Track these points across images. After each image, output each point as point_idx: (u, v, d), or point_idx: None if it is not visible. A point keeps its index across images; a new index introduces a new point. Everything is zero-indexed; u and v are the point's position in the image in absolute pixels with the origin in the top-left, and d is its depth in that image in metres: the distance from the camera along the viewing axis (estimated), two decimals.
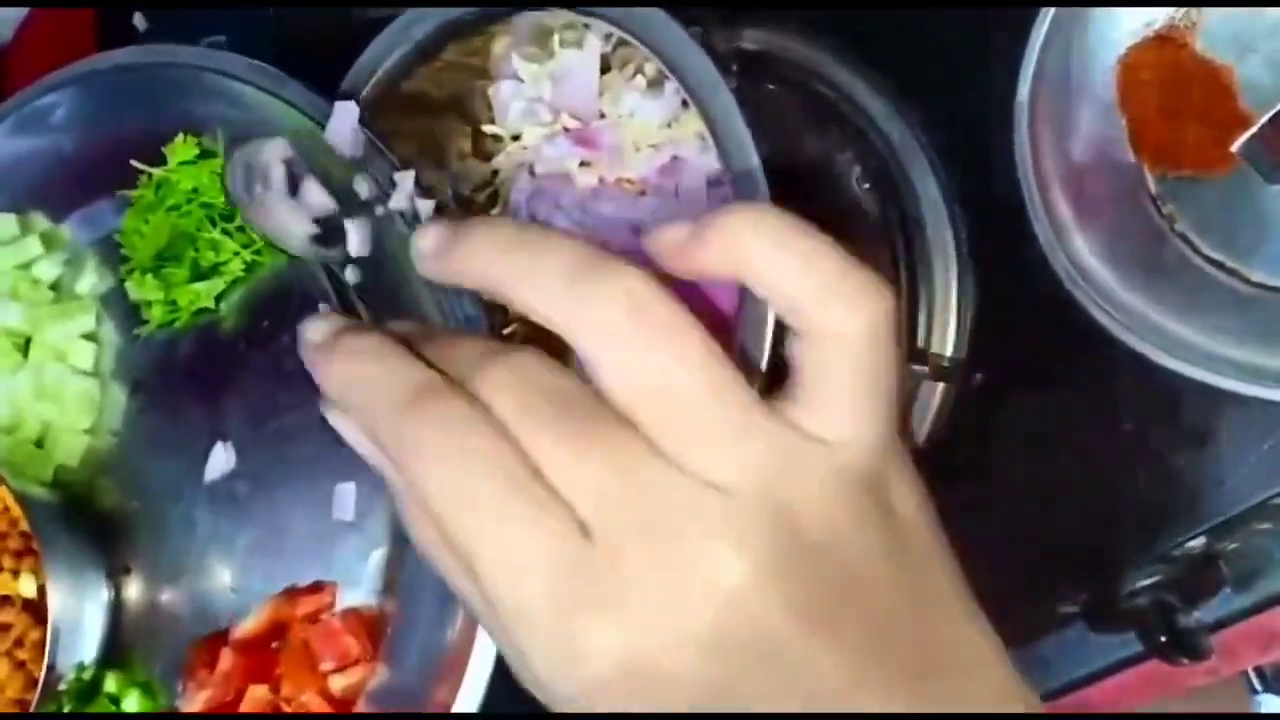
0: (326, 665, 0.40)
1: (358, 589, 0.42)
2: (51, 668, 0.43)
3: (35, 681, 0.43)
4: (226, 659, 0.42)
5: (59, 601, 0.43)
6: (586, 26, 0.44)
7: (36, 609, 0.45)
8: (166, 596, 0.46)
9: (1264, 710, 0.75)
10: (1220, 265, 0.43)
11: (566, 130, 0.43)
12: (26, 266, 0.49)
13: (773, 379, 0.29)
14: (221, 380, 0.46)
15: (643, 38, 0.40)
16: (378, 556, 0.42)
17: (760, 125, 0.41)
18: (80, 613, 0.45)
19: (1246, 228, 0.42)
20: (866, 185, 0.50)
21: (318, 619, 0.41)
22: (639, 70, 0.44)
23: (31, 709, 0.43)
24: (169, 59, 0.46)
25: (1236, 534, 0.47)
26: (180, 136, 0.46)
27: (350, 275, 0.42)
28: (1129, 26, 0.44)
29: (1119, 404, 0.46)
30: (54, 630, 0.43)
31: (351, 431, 0.29)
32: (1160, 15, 0.43)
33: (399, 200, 0.41)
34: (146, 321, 0.48)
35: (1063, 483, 0.48)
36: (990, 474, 0.49)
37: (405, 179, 0.41)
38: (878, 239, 0.50)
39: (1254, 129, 0.41)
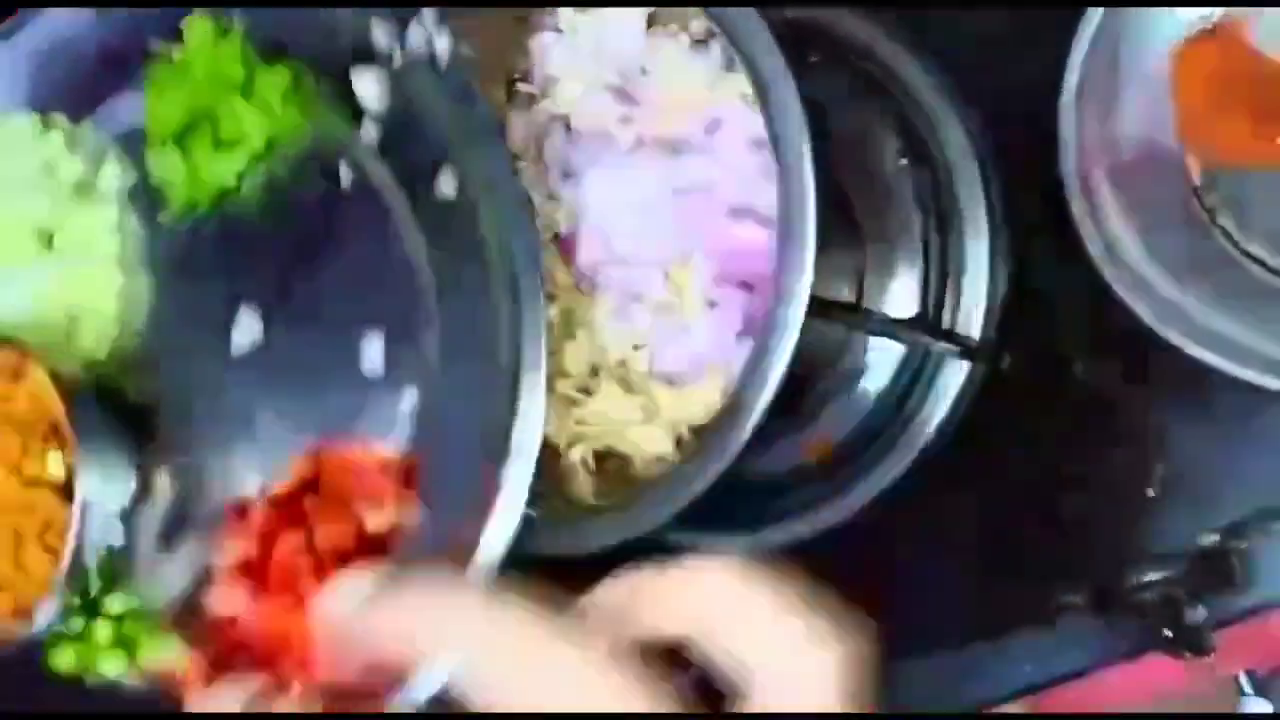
0: (361, 509, 0.40)
1: (388, 441, 0.41)
2: (78, 546, 0.43)
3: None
4: (258, 513, 0.42)
5: (88, 481, 0.43)
6: None
7: (66, 491, 0.44)
8: (196, 479, 0.46)
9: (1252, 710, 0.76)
10: (1259, 261, 0.43)
11: (608, 86, 0.42)
12: (49, 164, 0.49)
13: None
14: (245, 261, 0.46)
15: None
16: (407, 405, 0.41)
17: (801, 97, 0.41)
18: (108, 495, 0.44)
19: None
20: (904, 161, 0.50)
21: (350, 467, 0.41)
22: (684, 27, 0.44)
23: (55, 588, 0.43)
24: None
25: (1253, 533, 0.47)
26: (195, 15, 0.46)
27: (368, 132, 0.42)
28: (1185, 17, 0.43)
29: (1147, 394, 0.46)
30: (81, 505, 0.43)
31: None
32: (1216, 8, 0.43)
33: (416, 38, 0.40)
34: (169, 205, 0.47)
35: (1082, 471, 0.48)
36: (1012, 458, 0.49)
37: (427, 16, 0.40)
38: (911, 216, 0.50)
39: None
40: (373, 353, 0.42)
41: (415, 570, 0.34)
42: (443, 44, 0.41)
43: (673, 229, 0.42)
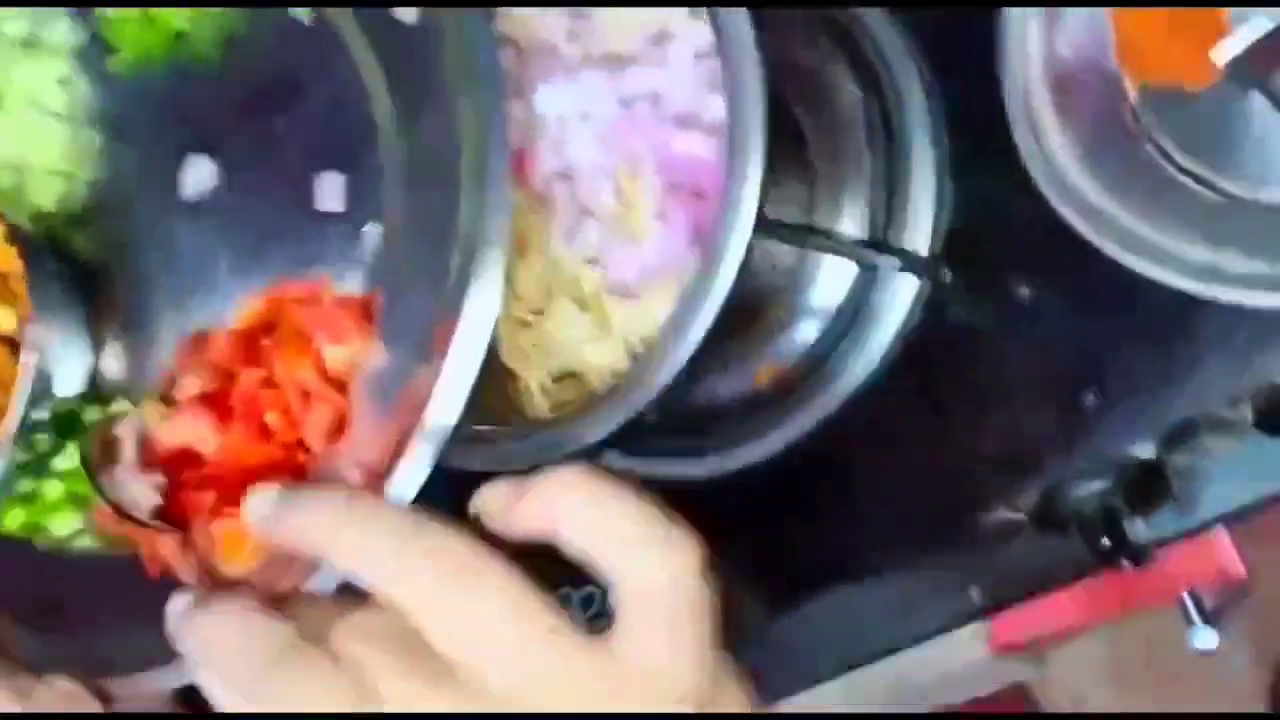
0: (320, 342, 0.40)
1: (348, 281, 0.41)
2: (30, 399, 0.42)
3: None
4: (217, 346, 0.42)
5: (40, 334, 0.43)
6: None
7: (13, 344, 0.44)
8: (150, 328, 0.46)
9: (1199, 646, 0.77)
10: (1193, 175, 0.44)
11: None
12: None
13: None
14: (198, 108, 0.46)
15: None
16: (368, 245, 0.41)
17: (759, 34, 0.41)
18: (62, 348, 0.44)
19: (1221, 140, 0.43)
20: (857, 91, 0.51)
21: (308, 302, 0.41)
22: None
23: (3, 445, 0.42)
24: None
25: (1186, 445, 0.49)
26: None
27: None
28: None
29: (1085, 304, 0.47)
30: (32, 358, 0.43)
31: (214, 687, 0.31)
32: None
33: None
34: (119, 50, 0.47)
35: (1022, 383, 0.49)
36: (954, 373, 0.50)
37: None
38: (861, 139, 0.51)
39: (1240, 40, 0.42)
40: (332, 190, 0.42)
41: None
42: None
43: (621, 140, 0.43)
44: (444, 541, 0.30)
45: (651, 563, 0.30)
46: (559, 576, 0.31)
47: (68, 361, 0.45)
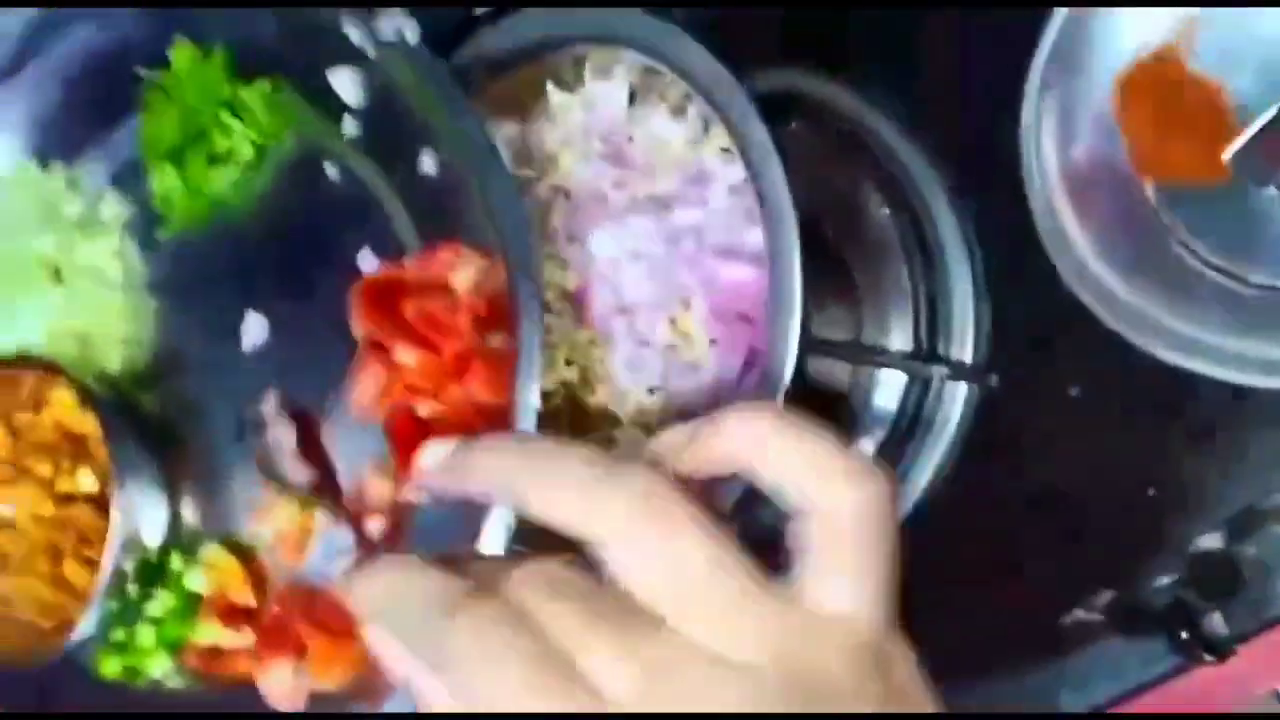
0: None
1: None
2: (116, 551, 0.45)
3: None
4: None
5: (124, 489, 0.46)
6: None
7: (96, 501, 0.47)
8: (223, 474, 0.48)
9: None
10: (1219, 269, 0.46)
11: (600, 155, 0.47)
12: (51, 204, 0.53)
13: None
14: (242, 265, 0.49)
15: (673, 64, 0.44)
16: None
17: (787, 161, 0.45)
18: (142, 498, 0.47)
19: (1242, 232, 0.45)
20: (887, 211, 0.54)
21: None
22: (663, 97, 0.48)
23: (95, 594, 0.45)
24: None
25: (1254, 535, 0.49)
26: (180, 41, 0.50)
27: (349, 128, 0.46)
28: (1125, 46, 0.47)
29: (1130, 404, 0.48)
30: (120, 512, 0.46)
31: (384, 644, 0.31)
32: (1154, 38, 0.47)
33: (387, 30, 0.44)
34: (168, 221, 0.51)
35: (1083, 481, 0.50)
36: (1014, 474, 0.51)
37: (394, 10, 0.45)
38: (899, 259, 0.53)
39: (1243, 139, 0.44)
40: None
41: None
42: (412, 33, 0.45)
43: (671, 274, 0.46)
44: (645, 479, 0.28)
45: (845, 491, 0.28)
46: None
47: (149, 513, 0.48)
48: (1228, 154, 0.45)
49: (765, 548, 0.29)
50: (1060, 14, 0.46)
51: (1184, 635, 0.48)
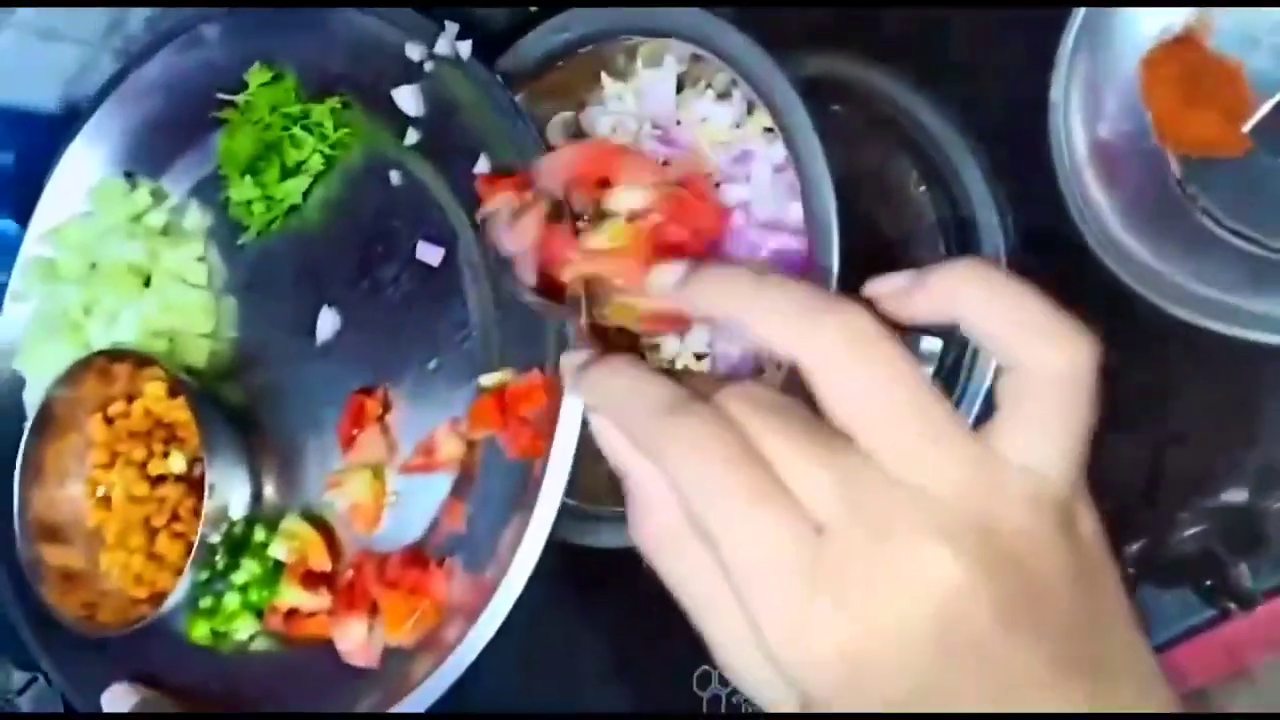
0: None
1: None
2: (207, 524, 0.50)
3: (192, 546, 0.50)
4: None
5: (214, 467, 0.51)
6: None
7: (187, 480, 0.53)
8: (299, 456, 0.54)
9: None
10: (1240, 234, 0.48)
11: (652, 136, 0.51)
12: (138, 217, 0.58)
13: None
14: (315, 265, 0.54)
15: (721, 53, 0.47)
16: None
17: (827, 140, 0.48)
18: (229, 476, 0.52)
19: (1261, 200, 0.48)
20: (923, 188, 0.57)
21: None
22: (709, 84, 0.52)
23: (188, 566, 0.50)
24: None
25: (1277, 493, 0.51)
26: (255, 65, 0.55)
27: (411, 136, 0.51)
28: (1149, 31, 0.50)
29: (1156, 364, 0.51)
30: (210, 488, 0.50)
31: (607, 431, 0.33)
32: (1177, 20, 0.49)
33: (443, 46, 0.49)
34: (247, 228, 0.56)
35: (1112, 444, 0.52)
36: None
37: (450, 28, 0.49)
38: (935, 232, 0.56)
39: (1262, 111, 0.47)
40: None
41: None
42: (465, 48, 0.50)
43: (721, 247, 0.50)
44: (855, 314, 0.29)
45: (1050, 348, 0.29)
46: None
47: (235, 490, 0.53)
48: (1247, 126, 0.47)
49: None
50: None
51: (1209, 584, 0.51)
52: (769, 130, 0.50)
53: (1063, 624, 0.28)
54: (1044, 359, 0.29)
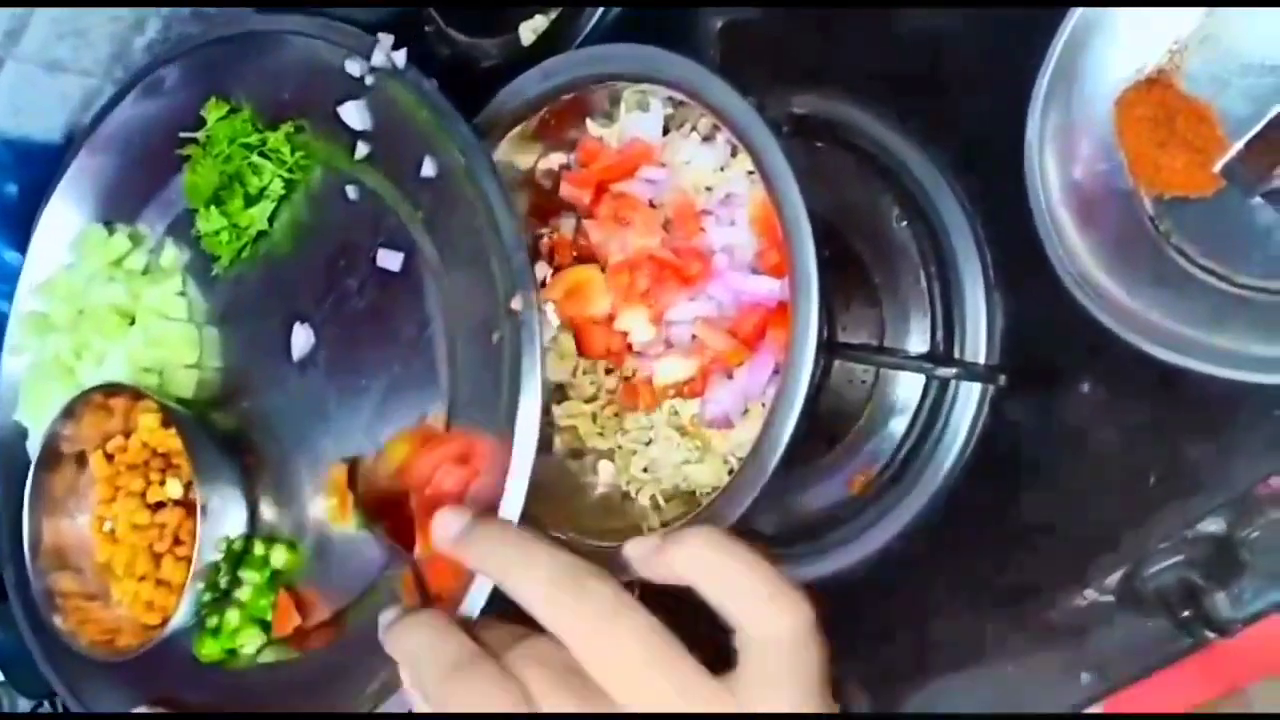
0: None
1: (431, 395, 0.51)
2: (205, 543, 0.52)
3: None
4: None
5: (205, 489, 0.53)
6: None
7: (185, 505, 0.54)
8: (292, 471, 0.55)
9: None
10: (1211, 271, 0.49)
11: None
12: (119, 261, 0.61)
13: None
14: (286, 286, 0.56)
15: (701, 98, 0.49)
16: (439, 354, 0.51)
17: (812, 177, 0.49)
18: (223, 496, 0.54)
19: (1232, 238, 0.49)
20: (904, 223, 0.58)
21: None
22: (694, 127, 0.53)
23: (188, 580, 0.51)
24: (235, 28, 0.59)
25: (1255, 521, 0.52)
26: (211, 100, 0.58)
27: (361, 149, 0.53)
28: (1122, 73, 0.51)
29: (1130, 399, 0.52)
30: (203, 510, 0.52)
31: (408, 685, 0.39)
32: (1149, 61, 0.50)
33: (379, 58, 0.52)
34: (219, 258, 0.58)
35: (1089, 471, 0.53)
36: (1028, 467, 0.55)
37: (384, 40, 0.52)
38: (915, 266, 0.57)
39: (1232, 152, 0.48)
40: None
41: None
42: (399, 57, 0.52)
43: (704, 289, 0.51)
44: (598, 585, 0.35)
45: (770, 616, 0.35)
46: None
47: (231, 510, 0.55)
48: (1218, 166, 0.48)
49: None
50: (1061, 41, 0.50)
51: (1187, 615, 0.52)
52: (752, 173, 0.51)
53: None
54: (766, 626, 0.35)
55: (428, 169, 0.51)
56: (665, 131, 0.53)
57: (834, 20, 0.59)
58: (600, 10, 0.58)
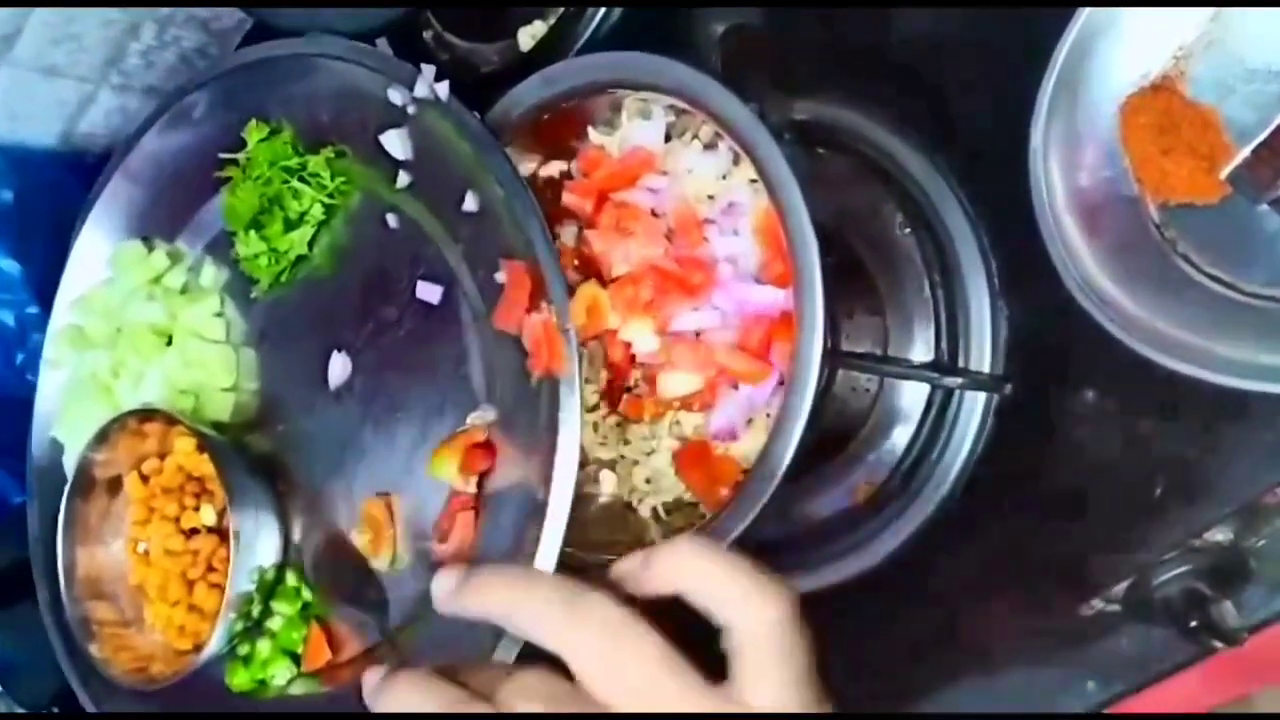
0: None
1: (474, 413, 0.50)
2: (237, 574, 0.51)
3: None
4: None
5: (240, 518, 0.52)
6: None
7: (219, 532, 0.54)
8: (325, 499, 0.54)
9: None
10: (1217, 279, 0.49)
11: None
12: (157, 278, 0.60)
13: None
14: (324, 312, 0.56)
15: (704, 107, 0.48)
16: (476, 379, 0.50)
17: (814, 183, 0.49)
18: (256, 525, 0.53)
19: (1238, 245, 0.48)
20: (907, 230, 0.58)
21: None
22: (696, 135, 0.53)
23: (223, 608, 0.51)
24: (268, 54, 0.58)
25: (1262, 529, 0.52)
26: (252, 122, 0.57)
27: (402, 179, 0.52)
28: (1126, 78, 0.50)
29: (1135, 407, 0.51)
30: (236, 538, 0.51)
31: None
32: (1154, 67, 0.50)
33: (421, 89, 0.51)
34: (258, 282, 0.57)
35: (1095, 479, 0.53)
36: (1026, 479, 0.55)
37: (427, 71, 0.51)
38: (920, 274, 0.57)
39: (1238, 159, 0.47)
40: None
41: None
42: (443, 89, 0.51)
43: (709, 298, 0.51)
44: (603, 607, 0.37)
45: (753, 610, 0.37)
46: None
47: (264, 538, 0.54)
48: (1223, 174, 0.48)
49: None
50: (1065, 47, 0.49)
51: (1194, 624, 0.51)
52: (754, 181, 0.51)
53: None
54: (753, 621, 0.37)
55: (469, 203, 0.50)
56: (667, 139, 0.53)
57: (836, 26, 0.59)
58: (599, 16, 0.58)
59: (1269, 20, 0.47)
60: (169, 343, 0.59)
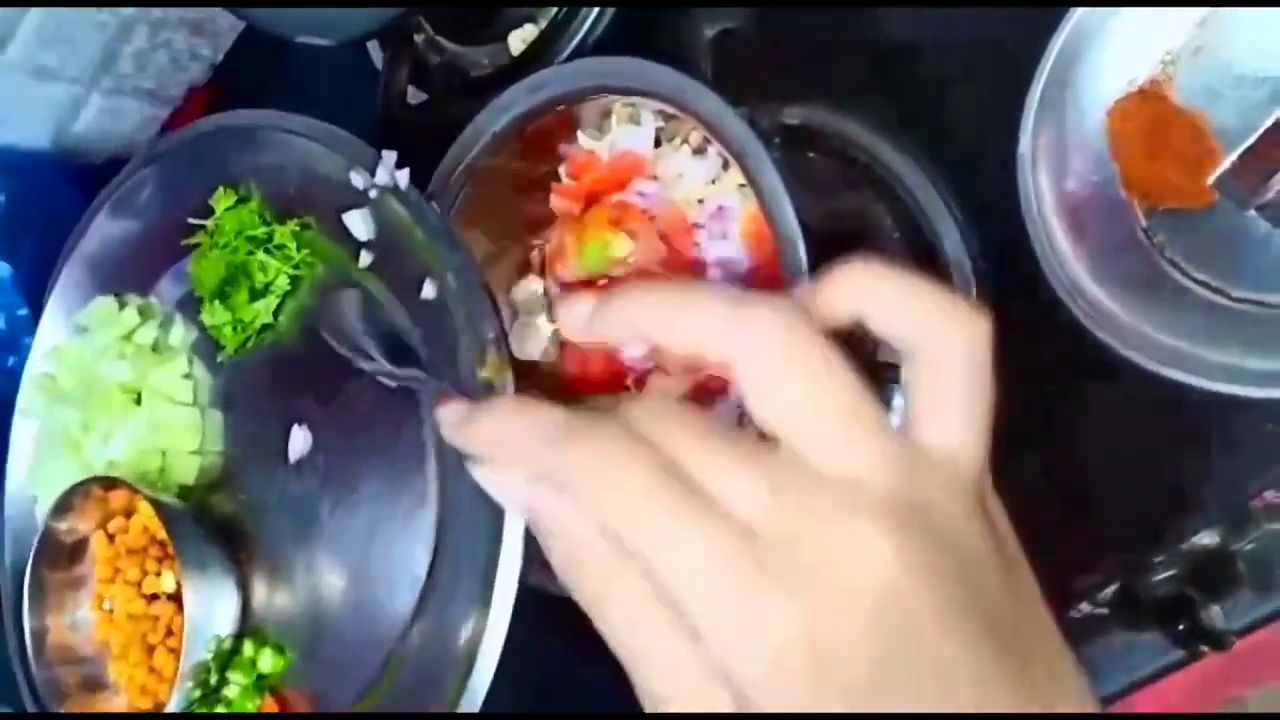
0: None
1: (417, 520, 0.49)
2: (192, 644, 0.51)
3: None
4: None
5: (192, 588, 0.52)
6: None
7: (178, 599, 0.53)
8: (285, 567, 0.54)
9: None
10: (1206, 284, 0.49)
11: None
12: (128, 335, 0.60)
13: None
14: (288, 383, 0.55)
15: (693, 111, 0.48)
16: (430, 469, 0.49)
17: (804, 188, 0.49)
18: (213, 595, 0.53)
19: (1227, 251, 0.48)
20: (897, 234, 0.57)
21: None
22: (685, 139, 0.53)
23: (180, 682, 0.51)
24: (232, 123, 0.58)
25: (1250, 533, 0.52)
26: (220, 190, 0.56)
27: (364, 259, 0.51)
28: (1114, 84, 0.50)
29: (1125, 413, 0.51)
30: (191, 607, 0.51)
31: (500, 483, 0.33)
32: (1141, 72, 0.50)
33: (382, 176, 0.50)
34: (224, 348, 0.57)
35: (1080, 489, 0.53)
36: (1014, 483, 0.55)
37: (387, 157, 0.51)
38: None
39: (1226, 164, 0.47)
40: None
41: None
42: (402, 177, 0.51)
43: None
44: (779, 309, 0.30)
45: (946, 329, 0.31)
46: None
47: (220, 607, 0.53)
48: (1212, 178, 0.48)
49: None
50: (1054, 51, 0.49)
51: (1182, 628, 0.51)
52: (744, 186, 0.51)
53: (990, 609, 0.29)
54: (943, 342, 0.31)
55: (428, 290, 0.49)
56: (657, 144, 0.53)
57: (826, 31, 0.59)
58: (590, 21, 0.58)
59: (1256, 26, 0.48)
60: (138, 401, 0.59)
